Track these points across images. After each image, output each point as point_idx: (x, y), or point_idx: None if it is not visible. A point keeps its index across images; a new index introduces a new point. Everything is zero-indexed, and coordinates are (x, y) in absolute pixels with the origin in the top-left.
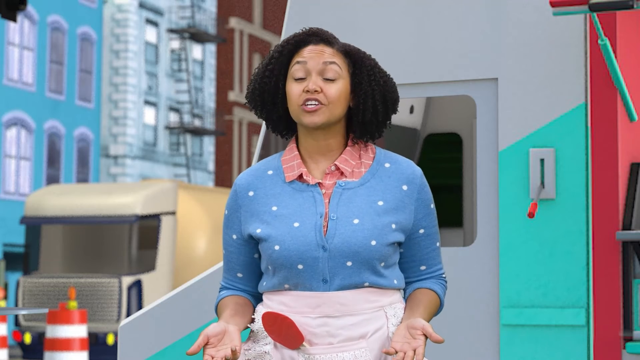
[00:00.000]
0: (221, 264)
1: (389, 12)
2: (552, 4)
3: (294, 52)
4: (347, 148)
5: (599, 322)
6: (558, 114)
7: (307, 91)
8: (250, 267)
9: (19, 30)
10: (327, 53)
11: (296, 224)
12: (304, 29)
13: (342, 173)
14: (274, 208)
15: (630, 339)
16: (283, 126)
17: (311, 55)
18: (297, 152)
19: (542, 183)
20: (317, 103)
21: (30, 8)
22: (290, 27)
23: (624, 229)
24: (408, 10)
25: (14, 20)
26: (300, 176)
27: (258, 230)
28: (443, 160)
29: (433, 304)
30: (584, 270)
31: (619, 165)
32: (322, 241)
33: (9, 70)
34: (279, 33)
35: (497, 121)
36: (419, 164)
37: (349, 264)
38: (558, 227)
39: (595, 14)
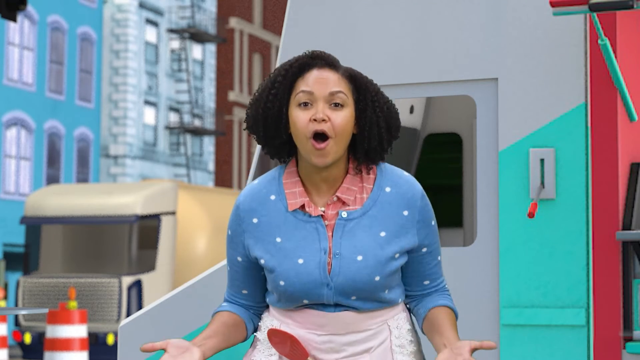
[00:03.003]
0: (221, 264)
1: (389, 12)
2: (552, 4)
3: (298, 75)
4: (348, 176)
5: (599, 322)
6: (558, 114)
7: (315, 120)
8: (256, 284)
9: (19, 30)
10: (332, 81)
11: (300, 261)
12: (306, 52)
13: (344, 203)
14: (278, 240)
15: (630, 339)
16: (285, 152)
17: (317, 84)
18: (298, 179)
19: (542, 183)
20: (325, 141)
21: (30, 8)
22: (290, 27)
23: (624, 229)
24: (408, 10)
25: (14, 20)
26: (303, 206)
27: (262, 261)
28: (443, 160)
29: (454, 321)
30: (584, 270)
31: (619, 165)
32: (327, 279)
33: (9, 70)
34: (279, 33)
35: (497, 121)
36: (419, 164)
37: (354, 298)
38: (558, 227)
39: (595, 14)
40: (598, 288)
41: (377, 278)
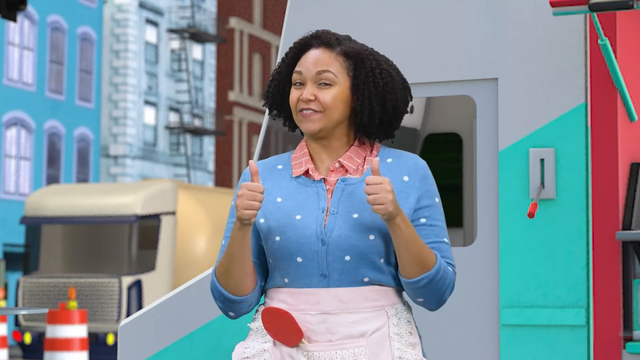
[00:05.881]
0: None
1: (389, 12)
2: (552, 4)
3: (298, 55)
4: (353, 147)
5: (599, 322)
6: (558, 114)
7: (302, 100)
8: (251, 253)
9: (19, 30)
10: (322, 61)
11: (298, 217)
12: (310, 32)
13: (346, 170)
14: (279, 199)
15: (630, 339)
16: (294, 125)
17: (307, 65)
18: (306, 150)
19: (542, 183)
20: (312, 110)
21: (30, 8)
22: (290, 27)
23: (624, 229)
24: (408, 10)
25: (14, 20)
26: (307, 172)
27: (261, 221)
28: (443, 160)
29: (426, 247)
30: (584, 270)
31: (619, 165)
32: (322, 234)
33: (9, 70)
34: (279, 33)
35: (497, 121)
36: None
37: (348, 258)
38: (558, 227)
39: (595, 14)
40: (598, 288)
41: (372, 237)
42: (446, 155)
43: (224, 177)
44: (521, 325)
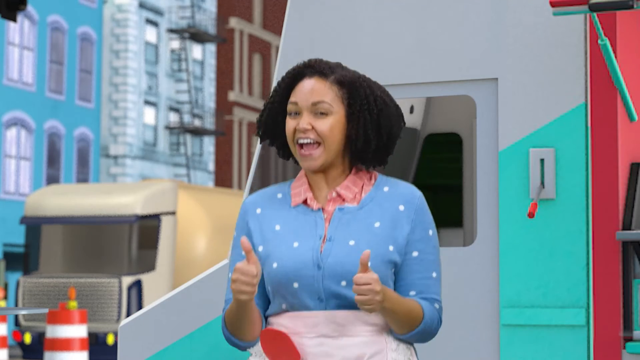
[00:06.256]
0: (221, 264)
1: (389, 12)
2: (552, 4)
3: (292, 85)
4: (350, 175)
5: (599, 322)
6: (558, 114)
7: (298, 130)
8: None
9: (19, 30)
10: (317, 91)
11: (295, 244)
12: (303, 61)
13: (343, 199)
14: (277, 227)
15: (630, 339)
16: (290, 154)
17: (302, 95)
18: (305, 179)
19: (542, 183)
20: (311, 142)
21: (30, 8)
22: (290, 27)
23: (624, 229)
24: (408, 10)
25: (14, 20)
26: (305, 201)
27: (260, 248)
28: (443, 160)
29: (412, 306)
30: (584, 270)
31: (619, 165)
32: (318, 260)
33: (9, 70)
34: (279, 33)
35: (497, 121)
36: (419, 164)
37: (344, 283)
38: (558, 227)
39: (595, 14)
40: (598, 288)
41: (368, 264)
42: (446, 155)
43: (224, 177)
44: (521, 326)
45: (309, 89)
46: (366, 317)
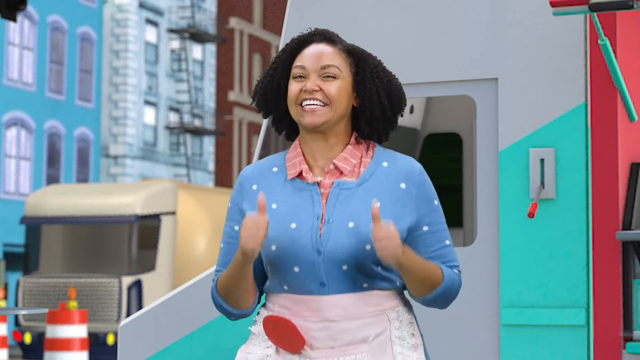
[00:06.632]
0: None
1: (389, 12)
2: (552, 4)
3: (297, 51)
4: (349, 147)
5: (599, 322)
6: (558, 114)
7: (305, 91)
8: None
9: (19, 30)
10: (326, 55)
11: (293, 225)
12: (310, 29)
13: (341, 172)
14: (274, 206)
15: (630, 339)
16: (285, 125)
17: (310, 58)
18: (299, 150)
19: (542, 183)
20: (317, 104)
21: (30, 8)
22: (290, 27)
23: (624, 229)
24: (408, 10)
25: (14, 20)
26: (301, 173)
27: None
28: (443, 160)
29: (431, 266)
30: (584, 270)
31: (619, 165)
32: (317, 244)
33: (9, 70)
34: (279, 33)
35: (497, 121)
36: None
37: (345, 267)
38: (558, 227)
39: (595, 14)
40: (598, 288)
41: (368, 247)
42: (446, 155)
43: (224, 177)
44: (521, 325)
45: (318, 53)
46: (370, 299)
